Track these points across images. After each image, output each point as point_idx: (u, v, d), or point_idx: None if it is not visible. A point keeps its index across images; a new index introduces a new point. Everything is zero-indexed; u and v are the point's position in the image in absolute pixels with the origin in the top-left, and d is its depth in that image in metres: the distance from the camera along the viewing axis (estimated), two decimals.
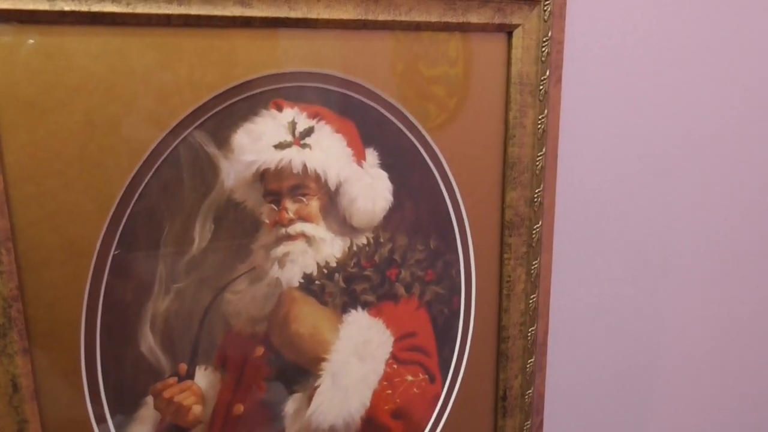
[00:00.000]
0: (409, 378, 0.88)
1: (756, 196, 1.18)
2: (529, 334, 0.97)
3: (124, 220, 0.66)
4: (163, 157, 0.67)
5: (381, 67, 0.77)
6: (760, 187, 1.18)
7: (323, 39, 0.73)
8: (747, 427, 1.32)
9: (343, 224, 0.79)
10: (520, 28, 0.83)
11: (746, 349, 1.26)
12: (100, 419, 0.70)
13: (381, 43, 0.76)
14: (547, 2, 0.84)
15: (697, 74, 1.05)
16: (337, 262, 0.80)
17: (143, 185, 0.67)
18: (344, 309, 0.82)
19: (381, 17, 0.73)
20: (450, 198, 0.86)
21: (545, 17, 0.84)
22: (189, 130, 0.68)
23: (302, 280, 0.78)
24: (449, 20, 0.77)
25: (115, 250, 0.67)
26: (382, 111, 0.78)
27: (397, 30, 0.76)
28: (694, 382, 1.23)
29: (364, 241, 0.81)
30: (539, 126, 0.88)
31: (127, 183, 0.66)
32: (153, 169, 0.67)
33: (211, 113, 0.68)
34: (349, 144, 0.77)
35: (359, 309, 0.83)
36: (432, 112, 0.82)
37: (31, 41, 0.59)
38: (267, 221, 0.74)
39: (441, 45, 0.80)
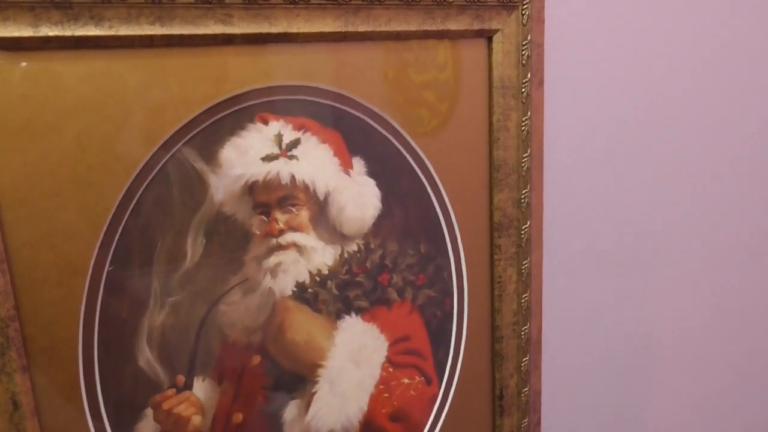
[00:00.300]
0: (406, 381, 0.90)
1: (741, 193, 1.19)
2: (522, 333, 0.98)
3: (117, 237, 0.68)
4: (152, 175, 0.68)
5: (367, 76, 0.78)
6: (746, 184, 1.19)
7: (307, 52, 0.74)
8: (742, 420, 1.33)
9: (333, 232, 0.80)
10: (499, 33, 0.85)
11: (739, 342, 1.28)
12: None
13: (366, 53, 0.78)
14: (525, 6, 0.85)
15: (678, 72, 1.07)
16: (329, 270, 0.81)
17: (134, 202, 0.68)
18: (338, 315, 0.83)
19: (361, 28, 0.75)
20: (438, 202, 0.87)
21: (524, 21, 0.85)
22: (177, 147, 0.69)
23: (295, 289, 0.79)
24: (429, 28, 0.79)
25: (110, 267, 0.68)
26: (368, 120, 0.79)
27: (377, 40, 0.77)
28: (688, 376, 1.24)
29: (355, 248, 0.82)
30: (523, 128, 0.90)
31: (118, 201, 0.67)
32: (143, 187, 0.68)
33: (198, 129, 0.70)
34: (336, 153, 0.79)
35: (353, 315, 0.84)
36: (424, 118, 0.83)
37: (24, 63, 0.61)
38: (258, 233, 0.75)
39: (430, 51, 0.81)
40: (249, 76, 0.71)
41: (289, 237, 0.77)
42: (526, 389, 1.01)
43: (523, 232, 0.94)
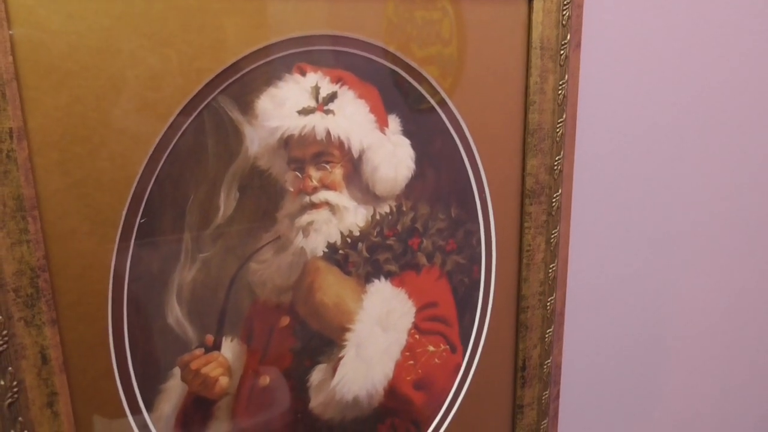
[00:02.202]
0: (431, 348, 0.88)
1: None
2: (548, 304, 0.96)
3: (149, 188, 0.65)
4: (187, 123, 0.65)
5: (407, 29, 0.75)
6: None
7: (347, 1, 0.71)
8: (760, 396, 1.33)
9: (366, 192, 0.78)
10: None
11: (762, 319, 1.27)
12: (128, 391, 0.68)
13: (407, 5, 0.74)
14: None
15: (721, 40, 1.04)
16: (360, 231, 0.79)
17: (168, 152, 0.65)
18: (367, 279, 0.81)
19: None
20: (471, 166, 0.85)
21: None
22: (213, 95, 0.66)
23: (326, 250, 0.77)
24: None
25: (141, 219, 0.65)
26: (405, 75, 0.76)
27: None
28: (710, 353, 1.23)
29: (387, 209, 0.80)
30: (560, 92, 0.87)
31: (152, 149, 0.64)
32: (177, 135, 0.65)
33: (235, 77, 0.67)
34: (372, 110, 0.76)
35: (382, 279, 0.82)
36: (457, 73, 0.81)
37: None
38: (291, 189, 0.73)
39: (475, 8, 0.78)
40: (289, 24, 0.68)
41: (322, 195, 0.75)
42: (549, 361, 0.99)
43: (554, 200, 0.92)
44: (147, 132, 0.64)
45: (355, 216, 0.78)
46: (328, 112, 0.73)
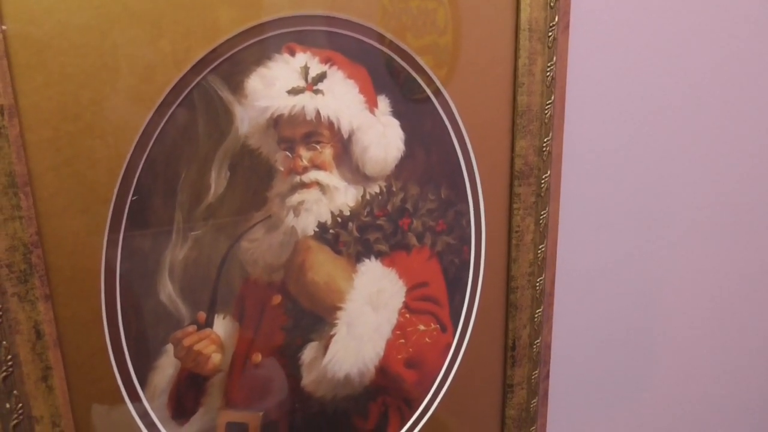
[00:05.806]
0: (422, 327, 0.89)
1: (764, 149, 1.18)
2: (537, 284, 0.97)
3: (140, 166, 0.66)
4: (177, 102, 0.66)
5: (399, 11, 0.76)
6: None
7: None
8: (752, 377, 1.34)
9: (356, 173, 0.79)
10: None
11: (751, 299, 1.28)
12: (122, 367, 0.70)
13: None
14: None
15: (710, 22, 1.04)
16: (350, 211, 0.79)
17: (159, 130, 0.66)
18: (358, 258, 0.82)
19: None
20: (460, 147, 0.86)
21: None
22: (203, 74, 0.67)
23: (317, 229, 0.78)
24: None
25: (133, 196, 0.66)
26: (396, 57, 0.77)
27: None
28: (699, 332, 1.24)
29: (377, 189, 0.81)
30: (548, 74, 0.88)
31: (142, 128, 0.65)
32: (168, 114, 0.66)
33: (226, 56, 0.67)
34: (362, 90, 0.76)
35: (372, 258, 0.83)
36: (449, 57, 0.81)
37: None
38: (281, 169, 0.74)
39: None
40: (278, 3, 0.69)
41: (313, 175, 0.76)
42: (538, 341, 1.00)
43: (543, 181, 0.92)
44: (137, 111, 0.64)
45: (345, 196, 0.79)
46: (317, 92, 0.74)
